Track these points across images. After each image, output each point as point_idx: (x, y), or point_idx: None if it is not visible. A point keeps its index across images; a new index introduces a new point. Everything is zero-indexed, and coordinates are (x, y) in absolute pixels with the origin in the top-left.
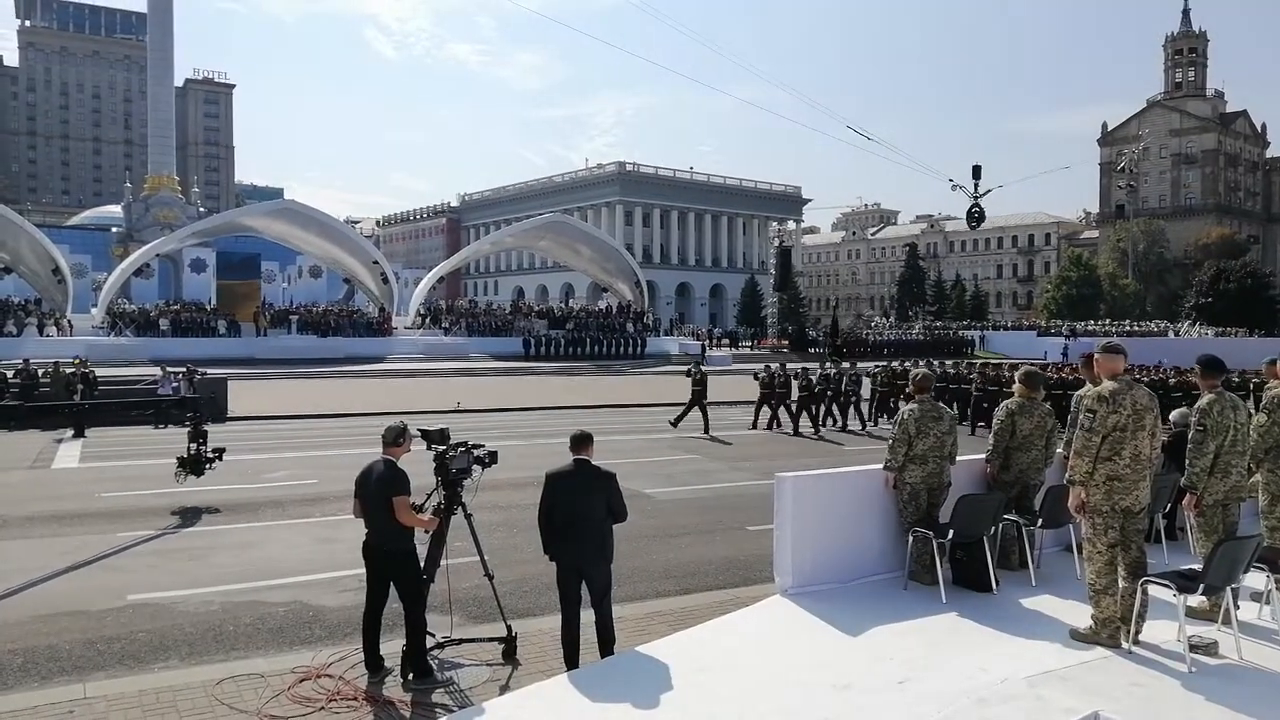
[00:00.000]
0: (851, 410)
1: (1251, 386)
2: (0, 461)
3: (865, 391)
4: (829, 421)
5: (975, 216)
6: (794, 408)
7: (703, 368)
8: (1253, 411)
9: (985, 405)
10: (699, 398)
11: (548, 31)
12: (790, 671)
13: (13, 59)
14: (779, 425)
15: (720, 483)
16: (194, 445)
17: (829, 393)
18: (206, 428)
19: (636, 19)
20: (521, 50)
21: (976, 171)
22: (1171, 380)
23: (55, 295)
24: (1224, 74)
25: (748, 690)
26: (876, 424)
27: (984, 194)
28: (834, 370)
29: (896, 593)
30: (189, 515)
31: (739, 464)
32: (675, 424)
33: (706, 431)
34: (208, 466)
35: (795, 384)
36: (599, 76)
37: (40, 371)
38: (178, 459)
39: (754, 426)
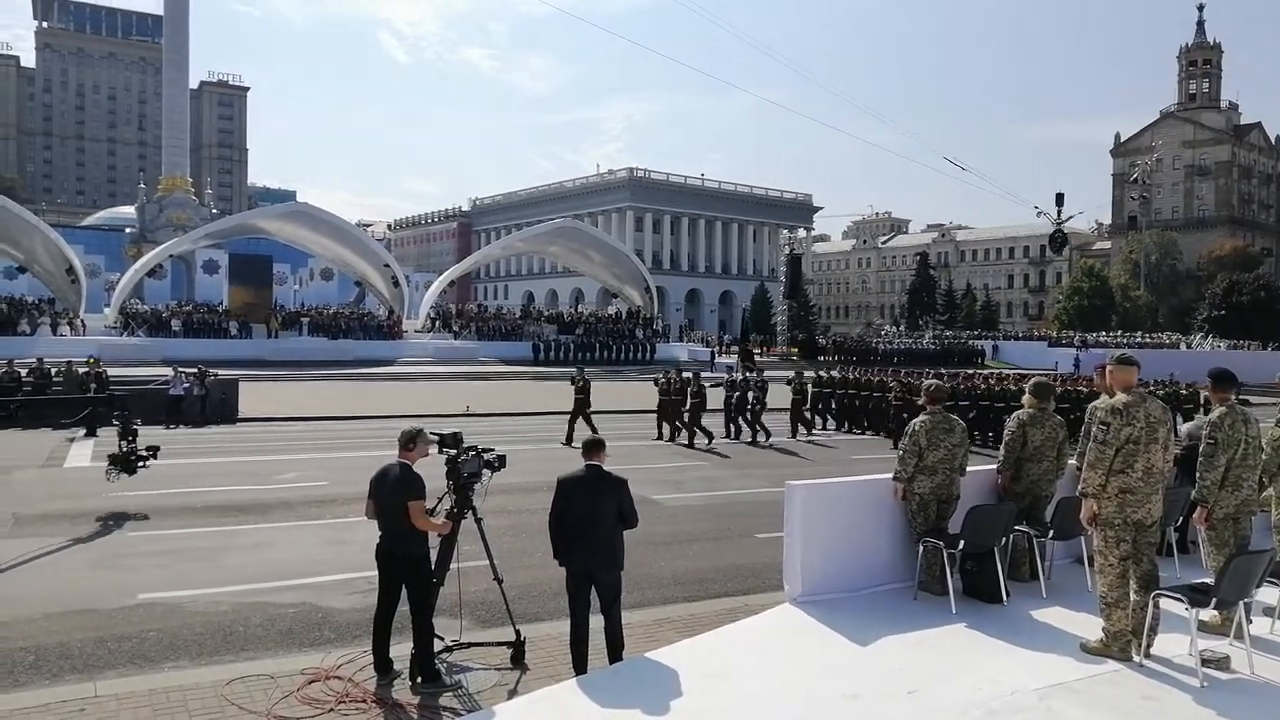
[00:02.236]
0: (749, 420)
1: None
2: (13, 460)
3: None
4: (731, 432)
5: (1059, 242)
6: (728, 417)
7: (585, 373)
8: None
9: (906, 415)
10: (581, 407)
11: (558, 36)
12: (799, 680)
13: (30, 60)
14: (678, 435)
15: (729, 490)
16: (123, 443)
17: (733, 401)
18: (136, 426)
19: (644, 25)
20: (532, 55)
21: (1059, 199)
22: (1183, 391)
23: (69, 295)
24: (1238, 86)
25: (757, 698)
26: (794, 436)
27: (1067, 219)
28: (740, 378)
29: (906, 603)
30: (199, 515)
31: (748, 471)
32: (568, 442)
33: (568, 441)
34: (140, 465)
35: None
36: (609, 82)
37: (54, 371)
38: (109, 457)
39: (659, 437)
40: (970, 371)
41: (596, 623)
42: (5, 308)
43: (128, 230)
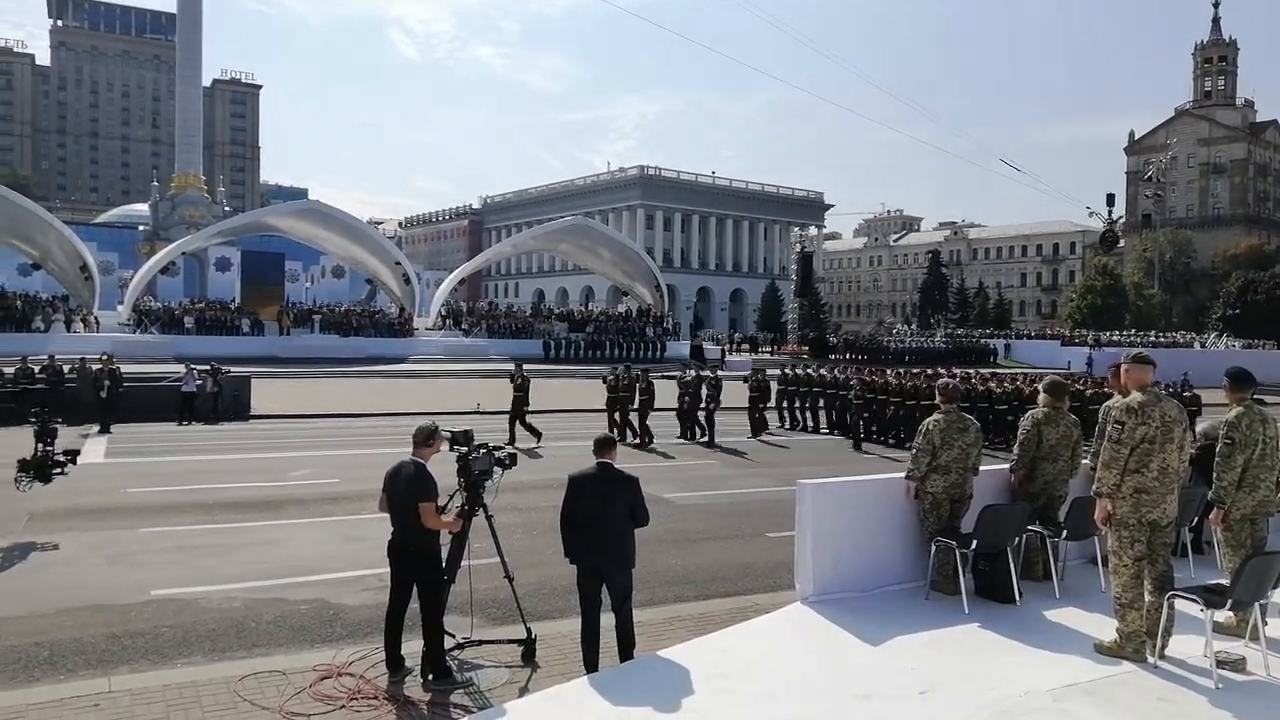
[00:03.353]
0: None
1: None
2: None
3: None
4: (683, 430)
5: (1109, 241)
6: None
7: (524, 370)
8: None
9: (866, 416)
10: (519, 405)
11: (570, 35)
12: (810, 680)
13: (44, 58)
14: (631, 434)
15: (740, 488)
16: (40, 446)
17: (686, 399)
18: (55, 426)
19: (655, 21)
20: (544, 53)
21: (1110, 199)
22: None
23: (82, 292)
24: (1254, 83)
25: (768, 697)
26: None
27: (1118, 220)
28: (693, 375)
29: (918, 602)
30: (212, 511)
31: (758, 470)
32: (538, 441)
33: (511, 442)
34: (56, 472)
35: (638, 388)
36: (621, 81)
37: (66, 368)
38: (19, 462)
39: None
40: (941, 370)
41: (607, 621)
42: (20, 304)
43: (141, 228)
